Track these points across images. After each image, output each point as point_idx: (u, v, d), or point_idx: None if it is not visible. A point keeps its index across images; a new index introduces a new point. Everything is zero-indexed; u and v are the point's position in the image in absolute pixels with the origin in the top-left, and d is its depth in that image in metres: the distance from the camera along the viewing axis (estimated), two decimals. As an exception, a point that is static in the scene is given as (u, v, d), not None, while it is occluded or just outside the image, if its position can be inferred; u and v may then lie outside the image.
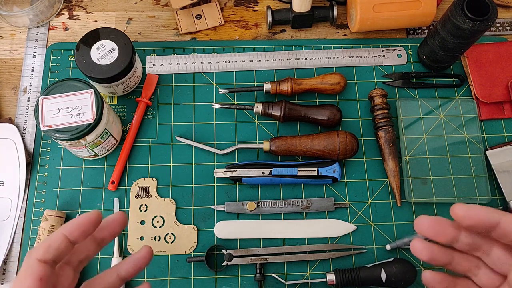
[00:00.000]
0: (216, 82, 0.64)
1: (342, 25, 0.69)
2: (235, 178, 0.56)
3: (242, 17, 0.69)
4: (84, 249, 0.38)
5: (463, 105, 0.63)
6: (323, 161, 0.57)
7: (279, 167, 0.56)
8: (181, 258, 0.56)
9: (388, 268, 0.53)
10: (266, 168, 0.56)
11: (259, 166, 0.56)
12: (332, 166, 0.56)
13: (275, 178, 0.56)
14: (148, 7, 0.69)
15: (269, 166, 0.56)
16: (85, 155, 0.57)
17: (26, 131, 0.61)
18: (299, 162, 0.57)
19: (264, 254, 0.55)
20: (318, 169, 0.56)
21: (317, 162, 0.57)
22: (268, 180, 0.56)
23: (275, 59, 0.65)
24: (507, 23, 0.70)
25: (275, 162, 0.57)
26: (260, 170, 0.56)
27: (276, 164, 0.57)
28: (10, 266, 0.55)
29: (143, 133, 0.61)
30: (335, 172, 0.56)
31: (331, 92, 0.62)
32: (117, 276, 0.38)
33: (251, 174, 0.55)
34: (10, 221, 0.56)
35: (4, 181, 0.58)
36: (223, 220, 0.57)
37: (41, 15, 0.66)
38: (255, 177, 0.56)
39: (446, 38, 0.58)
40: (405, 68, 0.66)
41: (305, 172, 0.55)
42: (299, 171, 0.55)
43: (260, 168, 0.56)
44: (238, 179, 0.56)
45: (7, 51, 0.65)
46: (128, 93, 0.63)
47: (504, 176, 0.59)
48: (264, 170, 0.56)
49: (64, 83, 0.52)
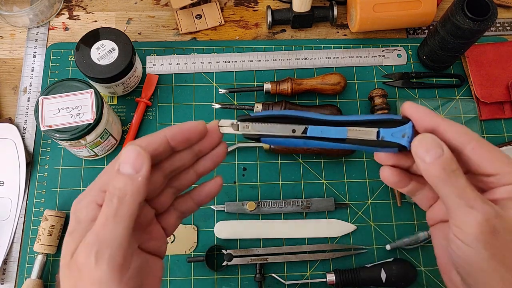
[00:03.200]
0: (216, 82, 0.64)
1: (342, 25, 0.69)
2: (250, 135, 0.36)
3: (242, 17, 0.69)
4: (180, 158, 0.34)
5: (463, 105, 0.63)
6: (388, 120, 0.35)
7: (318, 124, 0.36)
8: (181, 258, 0.56)
9: (388, 268, 0.53)
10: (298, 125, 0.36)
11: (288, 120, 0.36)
12: (401, 128, 0.34)
13: (311, 141, 0.36)
14: (148, 7, 0.69)
15: (303, 122, 0.36)
16: (85, 155, 0.57)
17: (26, 131, 0.61)
18: (350, 119, 0.35)
19: (264, 254, 0.55)
20: (378, 130, 0.35)
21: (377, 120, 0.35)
22: (301, 143, 0.36)
23: (275, 59, 0.65)
24: (507, 23, 0.70)
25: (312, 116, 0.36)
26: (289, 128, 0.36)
27: (313, 120, 0.36)
28: (10, 266, 0.55)
29: (143, 133, 0.61)
30: (405, 138, 0.34)
31: (331, 92, 0.62)
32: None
33: (275, 133, 0.36)
34: (10, 221, 0.56)
35: (4, 181, 0.58)
36: (223, 220, 0.57)
37: (41, 15, 0.66)
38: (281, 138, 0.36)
39: (446, 38, 0.58)
40: (405, 68, 0.66)
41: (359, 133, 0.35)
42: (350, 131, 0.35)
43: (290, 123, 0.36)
44: (256, 137, 0.36)
45: (7, 51, 0.65)
46: (128, 93, 0.63)
47: (504, 176, 0.59)
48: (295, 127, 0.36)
49: (64, 83, 0.52)
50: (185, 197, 0.36)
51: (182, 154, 0.34)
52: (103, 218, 0.28)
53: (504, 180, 0.31)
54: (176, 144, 0.32)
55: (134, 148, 0.30)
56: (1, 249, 0.55)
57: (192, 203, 0.36)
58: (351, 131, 0.35)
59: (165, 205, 0.35)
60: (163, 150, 0.32)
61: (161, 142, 0.32)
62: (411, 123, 0.34)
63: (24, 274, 0.55)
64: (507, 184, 0.31)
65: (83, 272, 0.28)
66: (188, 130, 0.32)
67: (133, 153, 0.29)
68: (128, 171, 0.29)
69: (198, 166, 0.35)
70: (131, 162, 0.29)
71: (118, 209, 0.28)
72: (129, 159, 0.29)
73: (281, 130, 0.35)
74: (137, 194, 0.29)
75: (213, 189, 0.36)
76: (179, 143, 0.32)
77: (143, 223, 0.33)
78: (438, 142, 0.31)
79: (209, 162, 0.35)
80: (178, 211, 0.36)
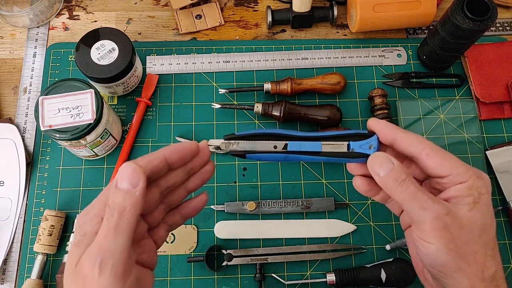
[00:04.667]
0: (216, 82, 0.64)
1: (342, 25, 0.69)
2: (236, 152, 0.40)
3: (242, 17, 0.69)
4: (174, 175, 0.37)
5: (463, 105, 0.63)
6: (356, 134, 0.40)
7: (296, 139, 0.41)
8: (181, 258, 0.56)
9: (388, 268, 0.53)
10: (279, 141, 0.41)
11: (270, 137, 0.41)
12: (368, 141, 0.40)
13: (291, 155, 0.41)
14: (148, 7, 0.69)
15: (283, 138, 0.41)
16: (85, 155, 0.57)
17: (26, 131, 0.61)
18: (323, 134, 0.40)
19: (264, 254, 0.55)
20: (349, 143, 0.40)
21: (347, 135, 0.40)
22: (282, 158, 0.41)
23: (275, 59, 0.65)
24: (507, 23, 0.70)
25: (290, 133, 0.41)
26: (271, 144, 0.41)
27: (292, 136, 0.40)
28: (10, 266, 0.55)
29: (143, 133, 0.61)
30: (372, 149, 0.39)
31: (331, 92, 0.62)
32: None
33: (258, 149, 0.40)
34: (10, 221, 0.56)
35: (4, 181, 0.58)
36: (223, 220, 0.57)
37: (41, 15, 0.66)
38: (265, 154, 0.40)
39: (446, 38, 0.58)
40: (405, 68, 0.66)
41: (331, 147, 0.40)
42: (324, 145, 0.40)
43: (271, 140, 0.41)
44: (241, 154, 0.41)
45: (7, 51, 0.65)
46: (128, 93, 0.63)
47: (504, 176, 0.59)
48: (277, 143, 0.40)
49: (64, 83, 0.52)
50: (174, 212, 0.40)
51: (176, 172, 0.37)
52: (105, 231, 0.31)
53: (455, 180, 0.35)
54: (173, 162, 0.36)
55: (130, 165, 0.32)
56: (1, 249, 0.55)
57: (180, 217, 0.40)
58: (325, 145, 0.40)
59: (157, 221, 0.38)
60: (162, 168, 0.35)
61: (160, 160, 0.35)
62: (376, 136, 0.39)
63: (24, 274, 0.55)
64: (457, 184, 0.35)
65: (87, 280, 0.30)
66: (183, 149, 0.36)
67: (130, 170, 0.32)
68: (126, 186, 0.32)
69: (189, 183, 0.39)
70: (128, 178, 0.32)
71: (119, 222, 0.31)
72: (126, 176, 0.32)
73: (264, 147, 0.40)
74: (135, 207, 0.32)
75: (199, 204, 0.40)
76: (175, 161, 0.36)
77: (138, 238, 0.35)
78: (388, 158, 0.35)
79: (198, 179, 0.39)
80: (166, 225, 0.39)
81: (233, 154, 0.41)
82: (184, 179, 0.38)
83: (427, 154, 0.36)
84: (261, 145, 0.40)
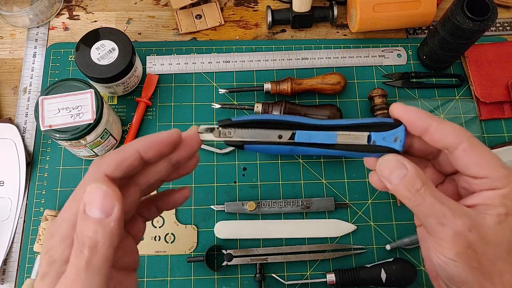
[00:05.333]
0: (216, 82, 0.64)
1: (342, 25, 0.69)
2: (232, 142, 0.33)
3: (242, 17, 0.69)
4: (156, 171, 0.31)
5: (463, 105, 0.63)
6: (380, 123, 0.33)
7: (306, 128, 0.33)
8: (181, 258, 0.56)
9: (388, 268, 0.53)
10: (285, 130, 0.33)
11: (274, 125, 0.33)
12: (393, 132, 0.32)
13: (299, 147, 0.33)
14: (148, 7, 0.69)
15: (291, 127, 0.33)
16: (85, 155, 0.57)
17: (26, 131, 0.61)
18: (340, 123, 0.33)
19: (264, 254, 0.55)
20: (370, 134, 0.32)
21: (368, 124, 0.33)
22: (287, 150, 0.33)
23: (275, 59, 0.65)
24: (507, 23, 0.70)
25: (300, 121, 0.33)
26: (275, 133, 0.33)
27: (302, 124, 0.33)
28: (10, 266, 0.55)
29: (143, 133, 0.61)
30: (397, 142, 0.32)
31: (331, 92, 0.62)
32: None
33: (260, 139, 0.33)
34: (10, 221, 0.56)
35: (4, 181, 0.58)
36: (223, 220, 0.57)
37: (41, 15, 0.66)
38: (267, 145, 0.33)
39: (446, 38, 0.58)
40: (405, 68, 0.66)
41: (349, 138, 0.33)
42: (340, 136, 0.32)
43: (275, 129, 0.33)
44: (239, 144, 0.33)
45: (7, 51, 0.65)
46: (128, 93, 0.63)
47: (504, 176, 0.59)
48: (282, 132, 0.33)
49: (64, 83, 0.52)
50: (149, 204, 0.34)
51: (158, 167, 0.31)
52: (73, 272, 0.25)
53: (490, 185, 0.30)
54: (150, 158, 0.29)
55: (99, 187, 0.25)
56: (1, 249, 0.55)
57: (155, 210, 0.34)
58: (341, 136, 0.32)
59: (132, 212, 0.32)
60: (137, 166, 0.29)
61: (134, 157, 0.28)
62: (403, 126, 0.32)
63: (24, 274, 0.55)
64: (491, 189, 0.30)
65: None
66: (161, 142, 0.29)
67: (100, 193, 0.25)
68: (97, 215, 0.25)
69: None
70: (99, 204, 0.25)
71: (91, 259, 0.24)
72: (96, 201, 0.25)
73: (266, 136, 0.32)
74: (110, 240, 0.25)
75: (179, 201, 0.34)
76: (152, 157, 0.29)
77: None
78: (400, 162, 0.30)
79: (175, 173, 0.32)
80: (142, 217, 0.34)
81: (229, 143, 0.33)
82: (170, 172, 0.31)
83: (464, 150, 0.30)
84: (263, 134, 0.32)
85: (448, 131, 0.30)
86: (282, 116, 0.33)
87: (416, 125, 0.31)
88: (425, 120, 0.31)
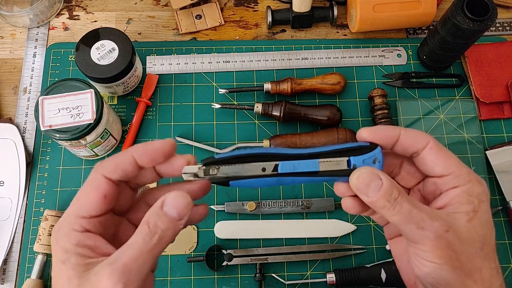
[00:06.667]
0: (216, 82, 0.64)
1: (342, 25, 0.69)
2: (217, 179, 0.34)
3: (242, 17, 0.69)
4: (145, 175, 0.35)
5: (463, 105, 0.63)
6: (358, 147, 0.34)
7: (288, 159, 0.34)
8: (181, 258, 0.56)
9: (388, 268, 0.53)
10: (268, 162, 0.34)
11: (257, 158, 0.34)
12: (371, 154, 0.34)
13: (284, 178, 0.34)
14: (148, 7, 0.69)
15: (273, 158, 0.34)
16: (85, 155, 0.57)
17: (26, 131, 0.61)
18: (320, 150, 0.34)
19: (264, 254, 0.55)
20: (349, 159, 0.34)
21: (347, 149, 0.34)
22: (274, 182, 0.34)
23: (275, 59, 0.65)
24: (507, 23, 0.70)
25: (281, 152, 0.34)
26: (258, 166, 0.34)
27: (283, 155, 0.34)
28: (10, 266, 0.55)
29: (143, 133, 0.61)
30: (376, 163, 0.34)
31: (331, 92, 0.62)
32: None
33: (244, 174, 0.34)
34: (10, 221, 0.56)
35: (4, 181, 0.58)
36: (223, 220, 0.57)
37: (41, 15, 0.66)
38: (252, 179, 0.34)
39: (446, 38, 0.58)
40: (405, 68, 0.66)
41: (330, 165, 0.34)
42: (322, 163, 0.34)
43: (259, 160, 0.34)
44: (224, 181, 0.34)
45: (7, 51, 0.65)
46: (128, 93, 0.63)
47: (504, 176, 0.59)
48: (265, 164, 0.34)
49: (64, 83, 0.52)
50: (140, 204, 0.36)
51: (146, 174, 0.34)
52: (136, 251, 0.29)
53: (454, 182, 0.32)
54: (144, 164, 0.32)
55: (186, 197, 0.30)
56: (1, 249, 0.55)
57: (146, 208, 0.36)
58: (323, 163, 0.34)
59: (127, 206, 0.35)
60: (132, 172, 0.32)
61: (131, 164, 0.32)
62: (379, 148, 0.34)
63: (24, 274, 0.55)
64: (455, 187, 0.32)
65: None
66: (154, 151, 0.32)
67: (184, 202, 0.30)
68: (174, 215, 0.30)
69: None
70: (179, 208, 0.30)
71: (155, 247, 0.29)
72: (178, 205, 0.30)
73: (250, 170, 0.33)
74: (171, 238, 0.30)
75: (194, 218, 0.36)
76: (146, 163, 0.32)
77: None
78: (375, 173, 0.31)
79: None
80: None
81: (214, 182, 0.34)
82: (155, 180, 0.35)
83: (431, 148, 0.33)
84: (246, 169, 0.34)
85: (415, 134, 0.33)
86: (264, 149, 0.34)
87: (387, 139, 0.33)
88: (392, 131, 0.33)
